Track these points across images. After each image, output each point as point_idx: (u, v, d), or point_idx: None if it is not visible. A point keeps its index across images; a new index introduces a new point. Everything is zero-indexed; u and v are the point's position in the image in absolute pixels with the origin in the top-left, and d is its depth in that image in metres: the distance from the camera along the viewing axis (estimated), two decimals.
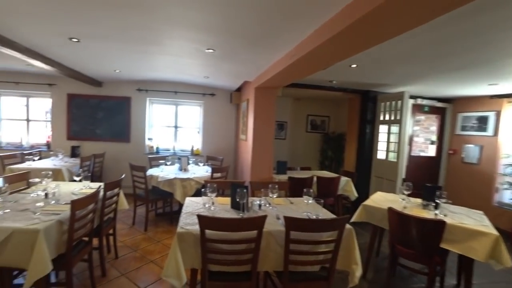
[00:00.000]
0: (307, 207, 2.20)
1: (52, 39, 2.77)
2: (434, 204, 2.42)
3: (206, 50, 2.82)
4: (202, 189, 2.18)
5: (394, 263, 2.40)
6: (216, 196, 2.26)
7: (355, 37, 1.77)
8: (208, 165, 4.50)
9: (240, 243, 1.66)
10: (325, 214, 2.13)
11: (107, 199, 2.34)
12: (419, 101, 4.95)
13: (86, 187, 2.59)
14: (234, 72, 3.83)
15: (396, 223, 2.23)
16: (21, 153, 4.24)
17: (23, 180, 2.72)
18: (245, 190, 2.00)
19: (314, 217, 2.01)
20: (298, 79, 3.40)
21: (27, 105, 5.25)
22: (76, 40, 2.74)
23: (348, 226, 1.81)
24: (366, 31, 1.66)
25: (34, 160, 3.94)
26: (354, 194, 3.95)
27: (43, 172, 2.45)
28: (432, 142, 5.35)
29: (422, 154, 5.35)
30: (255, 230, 1.65)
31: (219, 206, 2.23)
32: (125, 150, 5.27)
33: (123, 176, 2.72)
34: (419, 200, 2.68)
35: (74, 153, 4.71)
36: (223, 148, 5.57)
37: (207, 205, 2.19)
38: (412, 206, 2.54)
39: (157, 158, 4.65)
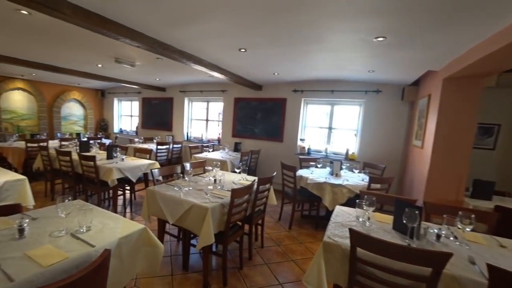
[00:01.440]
0: None
1: (226, 53, 3.62)
2: None
3: (375, 39, 2.66)
4: (357, 200, 2.06)
5: None
6: (374, 211, 2.06)
7: None
8: (365, 172, 4.22)
9: (402, 276, 1.40)
10: None
11: (259, 192, 2.78)
12: None
13: (244, 179, 3.21)
14: (411, 61, 3.36)
15: None
16: (201, 145, 6.02)
17: (201, 166, 3.79)
18: (417, 212, 1.68)
19: None
20: None
21: (207, 108, 7.34)
22: (244, 50, 3.43)
23: None
24: None
25: (209, 152, 5.58)
26: None
27: (214, 162, 3.32)
28: None
29: None
30: (429, 267, 1.34)
31: (377, 223, 2.02)
32: (277, 148, 6.03)
33: (274, 173, 3.11)
34: None
35: (236, 148, 6.03)
36: (387, 154, 5.01)
37: (361, 219, 2.05)
38: None
39: (307, 159, 4.95)
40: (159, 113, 8.02)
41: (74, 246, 1.44)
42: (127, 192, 4.47)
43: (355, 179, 3.78)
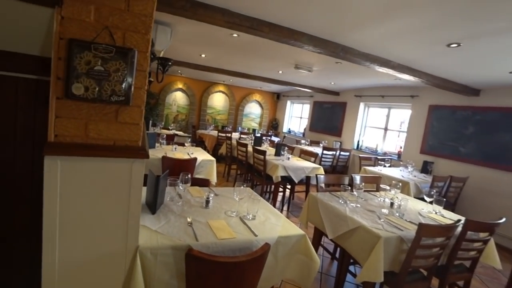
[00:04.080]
0: None
1: (425, 51, 3.30)
2: None
3: None
4: None
5: None
6: None
7: None
8: None
9: None
10: None
11: (466, 240, 2.09)
12: None
13: (437, 213, 2.58)
14: None
15: None
16: (375, 158, 5.58)
17: (374, 183, 3.42)
18: None
19: None
20: None
21: (388, 116, 6.75)
22: (456, 45, 2.96)
23: None
24: None
25: (384, 166, 5.06)
26: None
27: (394, 182, 2.87)
28: None
29: None
30: None
31: None
32: (504, 181, 4.44)
33: (502, 220, 2.19)
34: None
35: (425, 168, 5.07)
36: None
37: None
38: None
39: None
40: (329, 117, 8.29)
41: (240, 229, 1.63)
42: (287, 190, 4.82)
43: None
